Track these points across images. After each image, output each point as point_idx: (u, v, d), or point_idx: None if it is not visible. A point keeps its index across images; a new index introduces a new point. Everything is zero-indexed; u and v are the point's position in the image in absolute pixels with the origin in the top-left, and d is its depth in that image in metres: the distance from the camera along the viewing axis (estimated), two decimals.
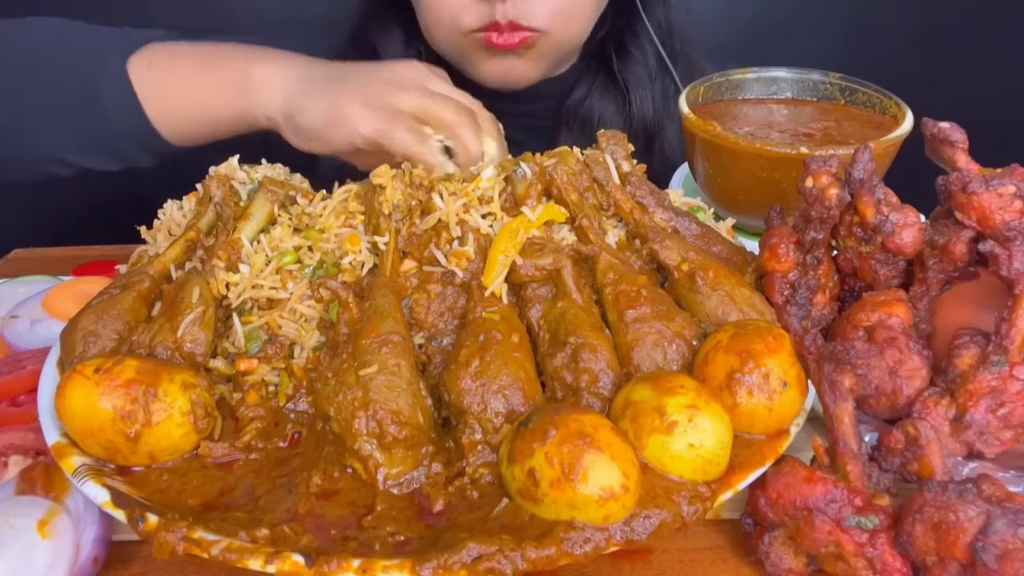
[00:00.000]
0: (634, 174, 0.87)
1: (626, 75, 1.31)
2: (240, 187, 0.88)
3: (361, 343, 0.68)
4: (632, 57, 1.31)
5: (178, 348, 0.71)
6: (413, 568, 0.54)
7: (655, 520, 0.58)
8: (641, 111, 1.30)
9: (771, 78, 1.14)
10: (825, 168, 0.72)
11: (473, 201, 0.80)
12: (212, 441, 0.67)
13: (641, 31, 1.29)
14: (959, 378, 0.64)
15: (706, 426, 0.61)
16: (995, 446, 0.64)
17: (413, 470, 0.64)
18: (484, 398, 0.66)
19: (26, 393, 0.81)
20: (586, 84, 1.31)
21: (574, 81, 1.31)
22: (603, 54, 1.31)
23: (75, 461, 0.63)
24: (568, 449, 0.57)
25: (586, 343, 0.69)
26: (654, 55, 1.30)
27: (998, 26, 2.07)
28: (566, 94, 1.31)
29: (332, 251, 0.80)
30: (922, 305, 0.71)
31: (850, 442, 0.61)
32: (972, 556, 0.54)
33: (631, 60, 1.31)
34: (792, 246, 0.75)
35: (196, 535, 0.56)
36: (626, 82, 1.31)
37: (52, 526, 0.61)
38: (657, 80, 1.31)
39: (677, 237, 0.82)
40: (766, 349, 0.66)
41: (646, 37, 1.29)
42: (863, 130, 1.05)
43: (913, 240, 0.69)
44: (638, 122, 1.31)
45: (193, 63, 1.02)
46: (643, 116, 1.31)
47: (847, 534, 0.58)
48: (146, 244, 0.90)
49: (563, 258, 0.76)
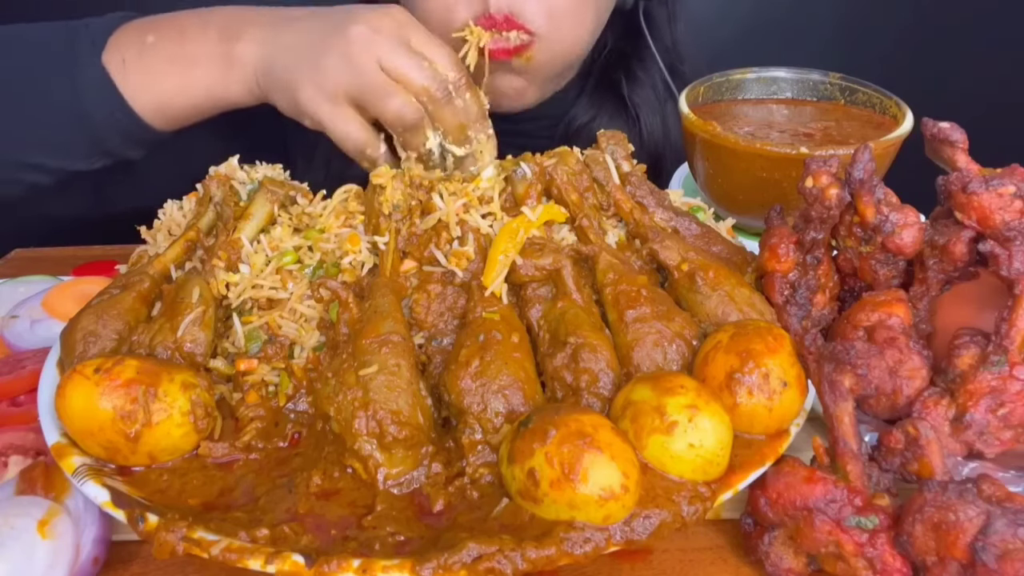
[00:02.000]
0: (634, 174, 0.87)
1: (636, 100, 1.29)
2: (240, 187, 0.88)
3: (361, 343, 0.68)
4: (640, 81, 1.29)
5: (178, 348, 0.71)
6: (413, 568, 0.54)
7: (655, 520, 0.58)
8: (651, 136, 1.29)
9: (771, 78, 1.15)
10: (825, 168, 0.72)
11: (473, 201, 0.80)
12: (212, 441, 0.67)
13: (648, 56, 1.27)
14: (959, 378, 0.64)
15: (706, 426, 0.61)
16: (995, 446, 0.64)
17: (413, 470, 0.64)
18: (484, 398, 0.66)
19: (26, 393, 0.81)
20: (593, 108, 1.28)
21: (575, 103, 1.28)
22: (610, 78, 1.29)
23: (75, 461, 0.63)
24: (568, 449, 0.57)
25: (586, 343, 0.69)
26: (661, 79, 1.28)
27: (998, 26, 2.07)
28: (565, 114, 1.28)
29: (332, 251, 0.80)
30: (922, 305, 0.71)
31: (850, 442, 0.61)
32: (972, 556, 0.54)
33: (640, 84, 1.29)
34: (792, 246, 0.75)
35: (196, 535, 0.56)
36: (636, 107, 1.28)
37: (52, 526, 0.61)
38: (667, 104, 1.29)
39: (677, 237, 0.82)
40: (766, 349, 0.66)
41: (653, 61, 1.27)
42: (863, 130, 1.05)
43: (913, 240, 0.69)
44: (648, 146, 1.29)
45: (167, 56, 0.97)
46: (653, 141, 1.29)
47: (847, 534, 0.58)
48: (146, 244, 0.90)
49: (563, 258, 0.76)
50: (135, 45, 0.97)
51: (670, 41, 1.29)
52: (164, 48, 0.97)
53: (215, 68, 0.95)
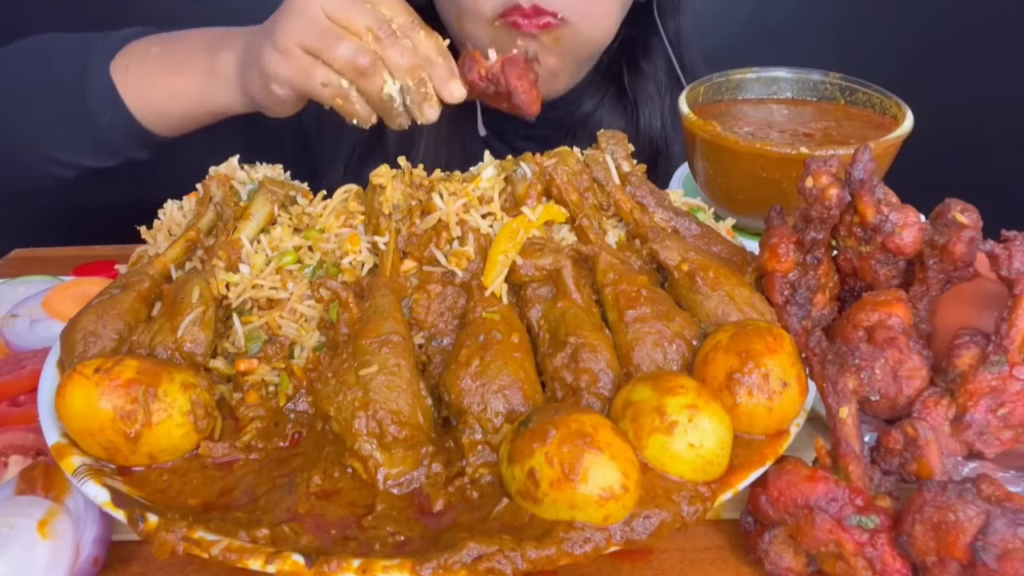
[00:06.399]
0: (634, 174, 0.87)
1: (636, 89, 1.31)
2: (240, 187, 0.88)
3: (361, 343, 0.68)
4: (642, 72, 1.31)
5: (178, 348, 0.71)
6: (413, 568, 0.54)
7: (655, 520, 0.58)
8: (649, 126, 1.31)
9: (771, 78, 1.15)
10: (825, 168, 0.72)
11: (473, 201, 0.80)
12: (212, 441, 0.67)
13: (654, 45, 1.30)
14: (959, 378, 0.64)
15: (706, 426, 0.61)
16: (995, 446, 0.64)
17: (413, 470, 0.64)
18: (484, 398, 0.66)
19: (26, 393, 0.81)
20: (596, 97, 1.31)
21: (583, 94, 1.31)
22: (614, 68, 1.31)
23: (75, 461, 0.63)
24: (568, 449, 0.57)
25: (586, 343, 0.69)
26: (664, 69, 1.31)
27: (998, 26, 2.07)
28: (574, 106, 1.31)
29: (332, 251, 0.80)
30: (922, 305, 0.71)
31: (852, 443, 0.61)
32: (972, 556, 0.54)
33: (641, 75, 1.31)
34: (792, 246, 0.75)
35: (196, 535, 0.56)
36: (635, 96, 1.31)
37: (52, 526, 0.61)
38: (667, 95, 1.31)
39: (677, 237, 0.82)
40: (766, 349, 0.66)
41: (659, 51, 1.29)
42: (863, 130, 1.05)
43: (913, 240, 0.69)
44: (645, 137, 1.31)
45: (161, 66, 1.04)
46: (651, 131, 1.31)
47: (847, 533, 0.58)
48: (146, 244, 0.90)
49: (563, 258, 0.76)
50: (140, 55, 1.05)
51: (673, 33, 1.31)
52: (162, 58, 1.05)
53: (200, 76, 1.01)
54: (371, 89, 0.86)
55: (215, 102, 1.02)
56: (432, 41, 0.87)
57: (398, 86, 0.85)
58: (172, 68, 1.03)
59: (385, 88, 0.85)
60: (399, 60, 0.85)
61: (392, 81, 0.85)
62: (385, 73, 0.86)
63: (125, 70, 1.03)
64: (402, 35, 0.86)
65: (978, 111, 2.03)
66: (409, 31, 0.87)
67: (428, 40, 0.87)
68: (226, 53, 0.99)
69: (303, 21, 0.86)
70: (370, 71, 0.85)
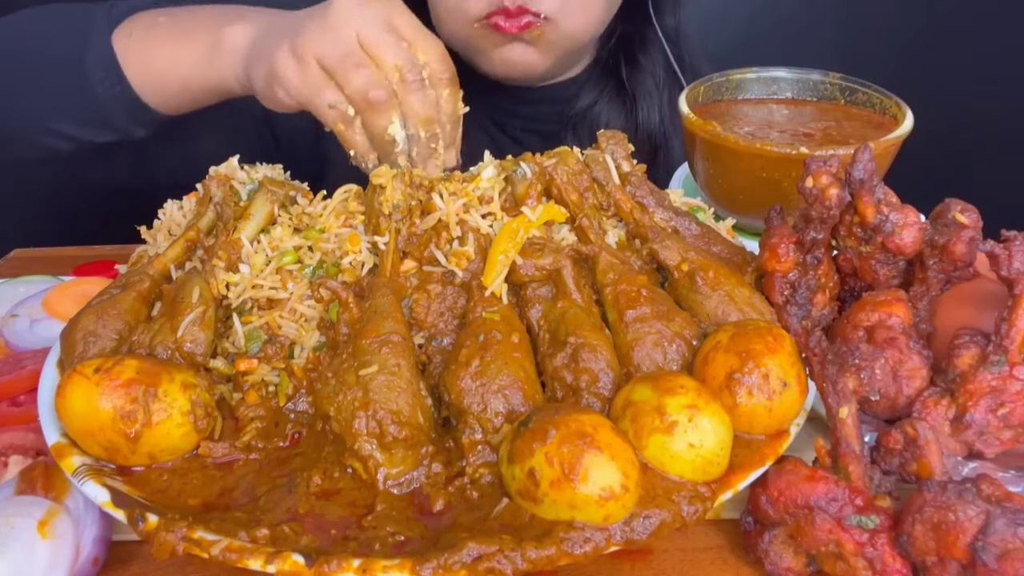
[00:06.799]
0: (634, 174, 0.87)
1: (634, 84, 1.32)
2: (240, 187, 0.88)
3: (361, 343, 0.68)
4: (640, 66, 1.32)
5: (178, 348, 0.71)
6: (413, 568, 0.54)
7: (655, 520, 0.58)
8: (647, 121, 1.31)
9: (771, 78, 1.15)
10: (825, 168, 0.72)
11: (473, 201, 0.80)
12: (212, 441, 0.67)
13: (651, 39, 1.30)
14: (959, 378, 0.64)
15: (706, 426, 0.61)
16: (995, 446, 0.64)
17: (413, 470, 0.64)
18: (484, 398, 0.66)
19: (26, 393, 0.81)
20: (595, 91, 1.31)
21: (582, 87, 1.32)
22: (612, 62, 1.32)
23: (75, 461, 0.63)
24: (568, 449, 0.57)
25: (586, 343, 0.69)
26: (662, 64, 1.31)
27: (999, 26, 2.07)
28: (574, 100, 1.31)
29: (332, 251, 0.80)
30: (922, 305, 0.71)
31: (853, 444, 0.61)
32: (972, 556, 0.54)
33: (639, 69, 1.32)
34: (792, 246, 0.75)
35: (196, 535, 0.56)
36: (634, 91, 1.31)
37: (52, 526, 0.61)
38: (665, 90, 1.32)
39: (677, 237, 0.82)
40: (766, 349, 0.66)
41: (656, 46, 1.30)
42: (863, 130, 1.05)
43: (913, 240, 0.69)
44: (643, 131, 1.31)
45: (168, 32, 1.01)
46: (649, 126, 1.31)
47: (847, 533, 0.58)
48: (146, 244, 0.90)
49: (563, 258, 0.76)
50: (146, 24, 1.02)
51: (672, 29, 1.31)
52: (168, 27, 1.02)
53: (204, 45, 0.97)
54: (375, 125, 0.84)
55: (216, 73, 0.97)
56: (454, 102, 0.87)
57: (404, 133, 0.84)
58: (177, 36, 1.00)
59: (390, 129, 0.84)
60: (418, 108, 0.84)
61: (399, 125, 0.84)
62: (395, 114, 0.84)
63: (128, 37, 1.01)
64: (429, 85, 0.85)
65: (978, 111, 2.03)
66: (437, 84, 0.85)
67: (450, 99, 0.86)
68: (238, 26, 0.95)
69: (332, 36, 0.84)
70: (380, 107, 0.83)
